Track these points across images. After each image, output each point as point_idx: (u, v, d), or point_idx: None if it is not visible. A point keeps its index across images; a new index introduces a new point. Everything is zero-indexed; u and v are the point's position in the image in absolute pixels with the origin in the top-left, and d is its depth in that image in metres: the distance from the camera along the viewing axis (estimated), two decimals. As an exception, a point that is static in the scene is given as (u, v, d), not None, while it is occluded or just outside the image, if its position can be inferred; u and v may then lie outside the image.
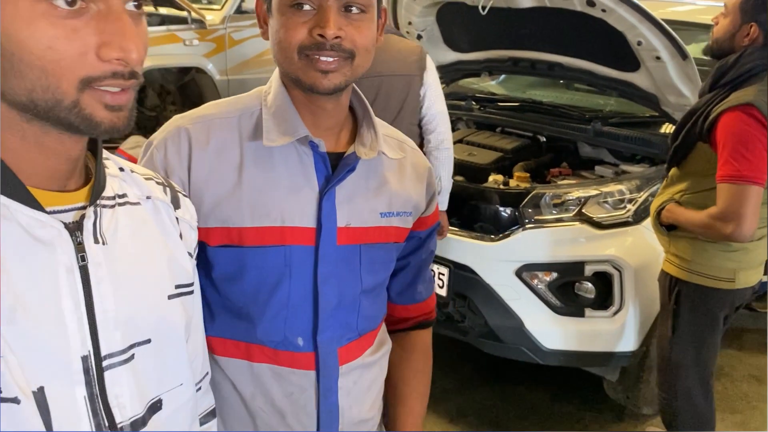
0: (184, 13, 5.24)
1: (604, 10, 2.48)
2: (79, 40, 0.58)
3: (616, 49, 2.65)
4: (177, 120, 1.00)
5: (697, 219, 1.93)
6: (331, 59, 0.91)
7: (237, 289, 0.99)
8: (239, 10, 5.56)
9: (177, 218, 0.80)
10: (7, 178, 0.61)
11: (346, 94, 1.01)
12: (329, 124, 1.00)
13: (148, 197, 0.77)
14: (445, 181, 2.44)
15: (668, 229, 2.08)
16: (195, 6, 5.46)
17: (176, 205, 0.81)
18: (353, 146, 1.01)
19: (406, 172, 1.09)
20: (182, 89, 5.58)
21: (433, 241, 1.20)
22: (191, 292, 0.81)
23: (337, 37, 0.89)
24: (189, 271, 0.80)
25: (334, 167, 0.99)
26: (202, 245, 0.97)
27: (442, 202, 2.47)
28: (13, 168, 0.62)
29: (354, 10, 0.91)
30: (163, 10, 5.34)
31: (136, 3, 0.62)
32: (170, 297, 0.75)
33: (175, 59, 5.24)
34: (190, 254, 0.81)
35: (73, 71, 0.58)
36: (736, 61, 1.89)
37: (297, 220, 0.97)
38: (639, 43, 2.54)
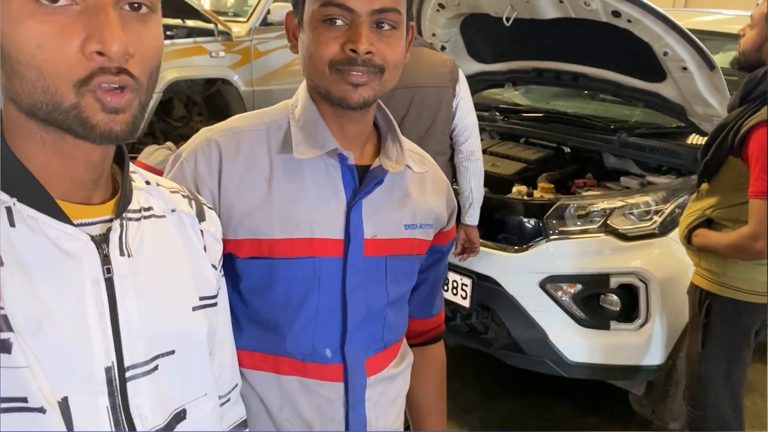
0: (211, 26, 5.32)
1: (629, 21, 2.46)
2: (66, 37, 0.57)
3: (642, 59, 2.63)
4: (206, 132, 1.01)
5: (727, 241, 1.90)
6: (361, 73, 0.92)
7: (266, 300, 1.00)
8: (264, 22, 5.63)
9: (202, 231, 0.81)
10: (36, 191, 0.62)
11: (372, 109, 1.02)
12: (355, 138, 1.01)
13: (173, 210, 0.78)
14: (476, 192, 2.42)
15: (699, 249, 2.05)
16: (221, 18, 5.55)
17: (201, 217, 0.82)
18: (379, 159, 1.02)
19: (427, 185, 1.10)
20: (208, 100, 5.66)
21: (449, 254, 1.22)
22: (215, 304, 0.81)
23: (368, 53, 0.91)
24: (213, 283, 0.81)
25: (361, 179, 1.00)
26: (230, 257, 0.98)
27: (473, 216, 2.44)
28: (38, 179, 0.63)
29: (385, 26, 0.92)
30: (190, 23, 5.44)
31: (132, 3, 0.61)
32: (194, 309, 0.76)
33: (202, 71, 5.32)
34: (214, 266, 0.82)
35: (67, 73, 0.58)
36: (766, 74, 1.87)
37: (326, 231, 0.98)
38: (665, 54, 2.51)
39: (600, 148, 2.93)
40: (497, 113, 3.30)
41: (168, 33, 5.03)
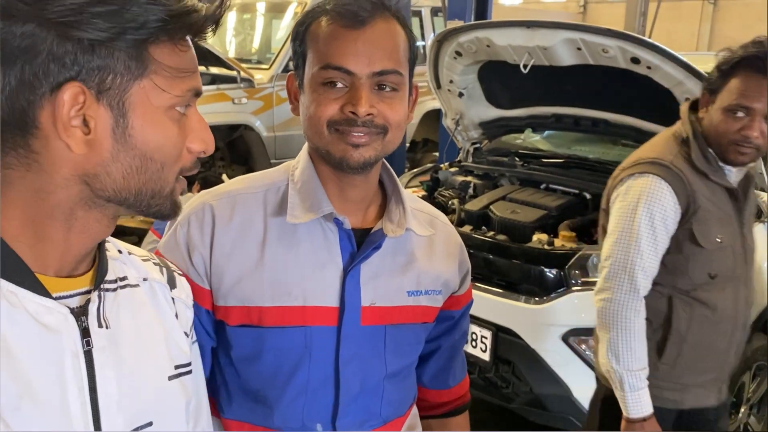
0: (234, 73, 5.42)
1: (649, 67, 2.43)
2: (184, 137, 0.68)
3: (663, 104, 2.58)
4: (203, 195, 1.00)
5: None
6: (362, 134, 0.90)
7: (255, 370, 0.96)
8: (286, 69, 5.72)
9: (173, 298, 0.81)
10: (17, 267, 0.63)
11: (376, 170, 0.99)
12: (357, 200, 0.98)
13: (145, 279, 0.78)
14: None
15: None
16: (244, 66, 5.65)
17: (172, 285, 0.82)
18: (380, 222, 0.98)
19: (436, 248, 1.05)
20: (231, 146, 5.74)
21: (467, 321, 1.15)
22: (190, 372, 0.80)
23: (369, 114, 0.89)
24: (186, 351, 0.80)
25: (361, 243, 0.97)
26: (221, 324, 0.96)
27: None
28: (39, 256, 0.64)
29: (386, 88, 0.91)
30: (214, 70, 5.55)
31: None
32: (170, 378, 0.76)
33: (225, 117, 5.40)
34: (186, 333, 0.82)
35: (176, 164, 0.68)
36: None
37: (319, 299, 0.95)
38: (687, 99, 2.46)
39: (622, 195, 2.85)
40: (517, 158, 3.26)
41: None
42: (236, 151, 5.74)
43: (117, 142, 0.63)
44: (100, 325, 0.67)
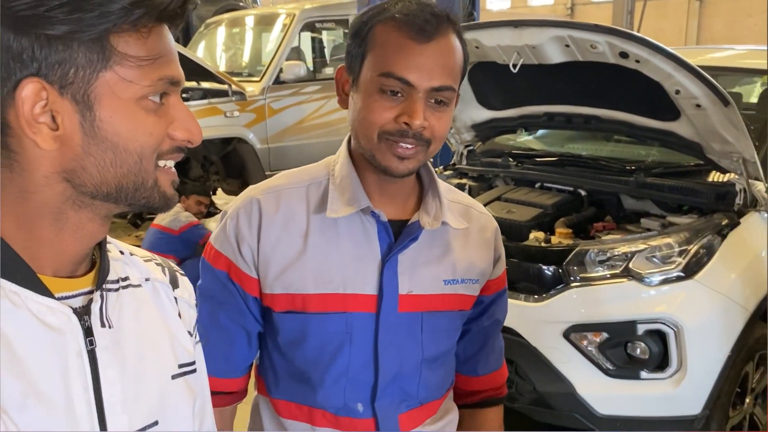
0: (225, 87, 5.43)
1: (638, 61, 2.44)
2: (164, 126, 0.66)
3: (654, 98, 2.59)
4: (250, 191, 1.06)
5: None
6: (410, 146, 0.94)
7: (299, 354, 1.03)
8: (277, 81, 5.74)
9: (176, 298, 0.81)
10: (19, 268, 0.63)
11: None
12: (395, 194, 1.03)
13: (147, 279, 0.78)
14: None
15: None
16: (235, 79, 5.66)
17: (174, 284, 0.82)
18: (417, 214, 1.02)
19: (471, 238, 1.09)
20: (225, 159, 5.74)
21: (500, 308, 1.16)
22: (194, 371, 0.81)
23: (422, 127, 0.93)
24: (190, 351, 0.80)
25: (399, 234, 1.01)
26: (268, 311, 1.03)
27: None
28: (34, 257, 0.64)
29: (440, 102, 0.95)
30: (206, 84, 5.56)
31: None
32: (174, 377, 0.76)
33: (217, 131, 5.41)
34: (189, 333, 0.82)
35: (153, 152, 0.66)
36: None
37: (359, 287, 1.00)
38: (677, 92, 2.47)
39: (617, 190, 2.86)
40: (510, 159, 3.26)
41: (184, 96, 5.15)
42: (231, 164, 5.74)
43: (87, 136, 0.63)
44: (103, 325, 0.68)
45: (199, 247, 3.91)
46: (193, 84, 5.61)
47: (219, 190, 5.98)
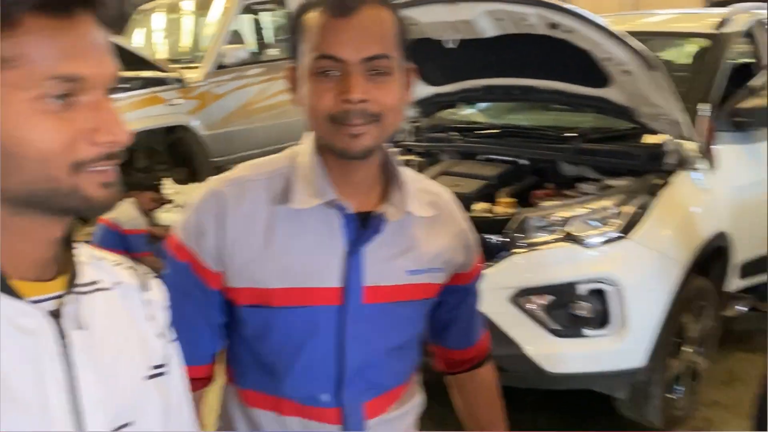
0: (165, 74, 5.32)
1: (568, 32, 2.51)
2: (71, 128, 0.62)
3: (586, 66, 2.67)
4: (212, 183, 1.05)
5: None
6: (359, 125, 0.94)
7: (265, 346, 1.04)
8: (220, 66, 5.65)
9: (146, 301, 0.81)
10: None
11: (377, 154, 1.02)
12: (359, 184, 1.02)
13: (117, 282, 0.78)
14: None
15: None
16: (177, 66, 5.55)
17: (144, 287, 0.82)
18: (382, 206, 1.02)
19: (437, 227, 1.08)
20: (170, 148, 5.63)
21: (479, 284, 1.20)
22: (167, 372, 0.81)
23: (363, 101, 0.92)
24: (160, 353, 0.81)
25: (364, 226, 1.01)
26: (232, 304, 1.03)
27: None
28: None
29: (378, 73, 0.94)
30: (146, 73, 5.43)
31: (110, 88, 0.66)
32: (147, 378, 0.77)
33: (160, 120, 5.30)
34: (160, 335, 0.82)
35: (64, 158, 0.62)
36: None
37: (324, 280, 1.00)
38: (606, 59, 2.56)
39: (556, 158, 2.95)
40: (454, 133, 3.32)
41: (125, 86, 5.01)
42: (176, 153, 5.63)
43: None
44: (77, 327, 0.68)
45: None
46: (131, 74, 5.48)
47: (169, 180, 5.89)
